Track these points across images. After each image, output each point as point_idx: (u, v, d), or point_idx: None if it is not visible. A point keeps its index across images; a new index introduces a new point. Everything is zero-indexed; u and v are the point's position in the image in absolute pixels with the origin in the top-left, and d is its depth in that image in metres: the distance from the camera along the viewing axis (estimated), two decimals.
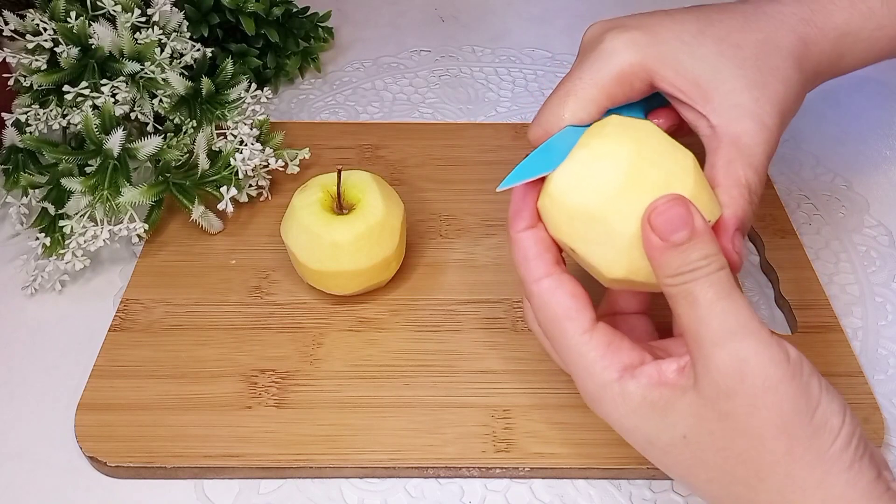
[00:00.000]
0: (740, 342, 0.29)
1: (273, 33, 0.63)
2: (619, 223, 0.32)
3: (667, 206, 0.31)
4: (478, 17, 0.76)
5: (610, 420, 0.33)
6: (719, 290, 0.30)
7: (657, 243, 0.31)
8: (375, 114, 0.64)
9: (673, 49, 0.38)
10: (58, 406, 0.43)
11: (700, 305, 0.30)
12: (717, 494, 0.31)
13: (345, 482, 0.40)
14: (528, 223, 0.35)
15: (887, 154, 0.60)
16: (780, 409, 0.29)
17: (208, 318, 0.47)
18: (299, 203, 0.45)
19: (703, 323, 0.30)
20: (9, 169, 0.51)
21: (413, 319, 0.47)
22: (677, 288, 0.30)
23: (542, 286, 0.34)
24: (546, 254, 0.35)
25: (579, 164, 0.34)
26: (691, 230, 0.30)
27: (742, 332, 0.29)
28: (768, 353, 0.29)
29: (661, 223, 0.31)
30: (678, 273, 0.30)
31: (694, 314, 0.30)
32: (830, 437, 0.29)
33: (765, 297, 0.49)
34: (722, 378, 0.29)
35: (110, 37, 0.50)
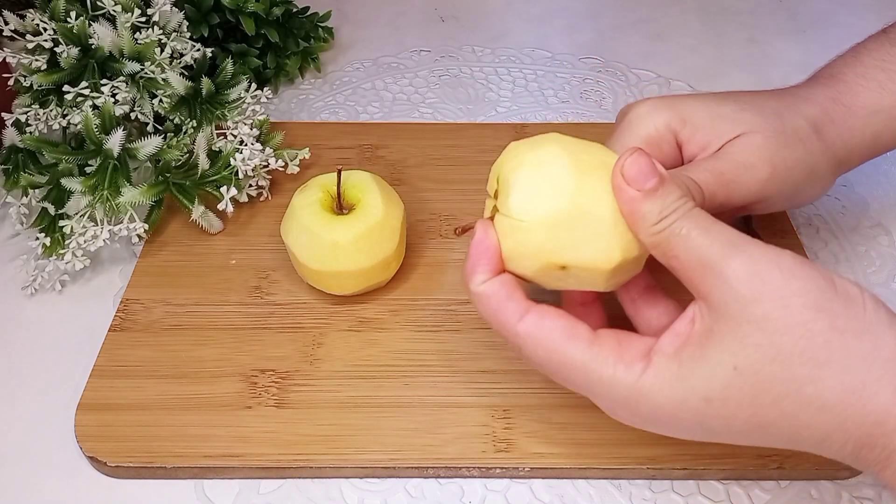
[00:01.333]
0: (745, 248, 0.30)
1: (273, 33, 0.63)
2: (596, 207, 0.33)
3: (634, 159, 0.32)
4: (478, 17, 0.76)
5: (657, 409, 0.31)
6: (705, 218, 0.31)
7: (635, 194, 0.32)
8: (375, 114, 0.64)
9: (695, 109, 0.40)
10: (58, 406, 0.43)
11: (695, 236, 0.31)
12: (789, 410, 0.29)
13: (345, 482, 0.40)
14: (487, 275, 0.34)
15: (887, 154, 0.60)
16: (806, 290, 0.29)
17: (208, 318, 0.47)
18: (299, 203, 0.45)
19: (704, 248, 0.30)
20: (9, 169, 0.51)
21: (413, 319, 0.47)
22: (665, 232, 0.31)
23: (528, 322, 0.33)
24: (517, 292, 0.34)
25: (524, 183, 0.34)
26: (659, 177, 0.32)
27: (743, 241, 0.30)
28: (772, 250, 0.30)
29: (635, 173, 0.32)
30: (661, 218, 0.31)
31: (692, 245, 0.31)
32: (860, 303, 0.29)
33: None
34: (743, 286, 0.29)
35: (110, 37, 0.50)
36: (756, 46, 0.71)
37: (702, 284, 0.31)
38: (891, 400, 0.28)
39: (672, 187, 0.32)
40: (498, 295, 0.33)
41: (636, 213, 0.32)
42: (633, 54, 0.70)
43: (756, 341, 0.29)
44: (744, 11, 0.76)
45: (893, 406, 0.28)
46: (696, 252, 0.30)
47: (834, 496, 0.40)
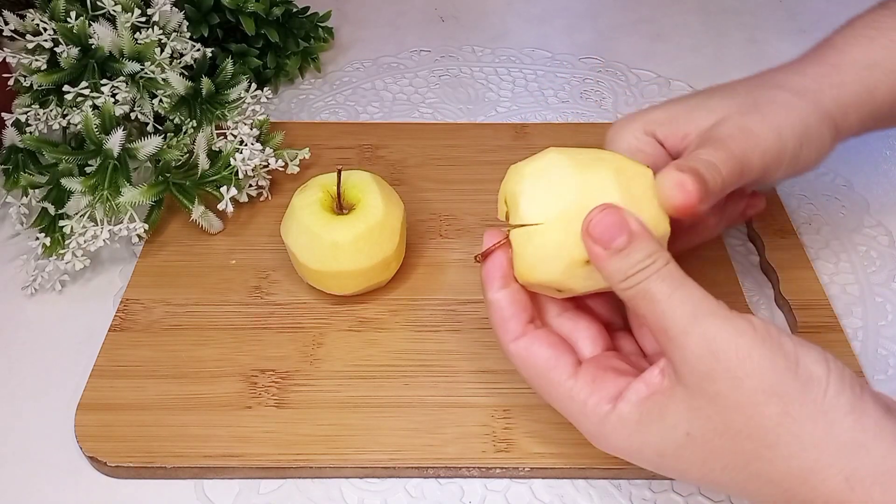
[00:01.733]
0: (703, 323, 0.30)
1: (273, 33, 0.63)
2: (604, 196, 0.33)
3: (602, 217, 0.32)
4: (478, 17, 0.76)
5: (618, 450, 0.33)
6: (671, 282, 0.31)
7: (601, 253, 0.32)
8: (375, 114, 0.64)
9: (666, 109, 0.41)
10: (58, 406, 0.43)
11: (658, 301, 0.31)
12: (738, 479, 0.30)
13: (345, 482, 0.40)
14: (501, 283, 0.35)
15: (887, 154, 0.60)
16: (760, 373, 0.29)
17: (208, 318, 0.47)
18: (299, 203, 0.45)
19: (666, 316, 0.30)
20: (9, 169, 0.51)
21: (413, 319, 0.47)
22: (632, 290, 0.31)
23: (518, 345, 0.35)
24: (521, 314, 0.35)
25: (531, 191, 0.35)
26: (628, 234, 0.32)
27: (702, 314, 0.30)
28: (731, 325, 0.30)
29: (600, 232, 0.32)
30: (628, 276, 0.31)
31: (656, 310, 0.31)
32: (821, 387, 0.29)
33: (765, 297, 0.49)
34: (698, 362, 0.30)
35: (110, 37, 0.50)
36: (756, 46, 0.71)
37: (665, 348, 0.31)
38: (839, 487, 0.28)
39: (641, 244, 0.32)
40: (506, 310, 0.35)
41: (603, 270, 0.32)
42: (633, 54, 0.70)
43: (708, 414, 0.30)
44: (744, 11, 0.76)
45: (841, 493, 0.28)
46: (660, 318, 0.31)
47: None
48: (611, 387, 0.33)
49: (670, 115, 0.41)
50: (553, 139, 0.59)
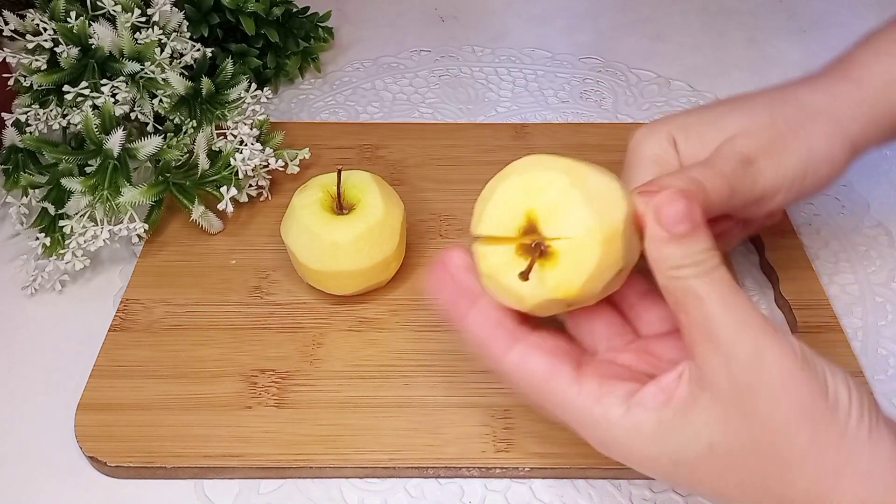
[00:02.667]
0: (756, 336, 0.29)
1: (273, 33, 0.63)
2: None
3: (671, 200, 0.30)
4: (478, 17, 0.76)
5: (630, 457, 0.31)
6: (724, 284, 0.29)
7: (661, 235, 0.30)
8: (375, 114, 0.64)
9: (685, 120, 0.40)
10: (58, 406, 0.43)
11: (712, 302, 0.29)
12: (753, 496, 0.30)
13: (345, 482, 0.40)
14: (468, 304, 0.33)
15: (887, 154, 0.60)
16: (799, 397, 0.28)
17: (208, 318, 0.47)
18: (299, 203, 0.46)
19: (715, 319, 0.29)
20: (9, 169, 0.51)
21: (413, 319, 0.47)
22: (681, 282, 0.30)
23: (510, 361, 0.32)
24: (502, 324, 0.33)
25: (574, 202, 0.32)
26: (692, 223, 0.30)
27: (756, 325, 0.29)
28: (780, 343, 0.29)
29: (668, 215, 0.30)
30: (680, 266, 0.30)
31: (706, 311, 0.29)
32: (845, 414, 0.29)
33: (765, 297, 0.49)
34: (742, 373, 0.29)
35: (110, 37, 0.50)
36: (756, 46, 0.71)
37: (702, 352, 0.30)
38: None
39: (702, 237, 0.30)
40: (482, 327, 0.33)
41: (656, 253, 0.30)
42: (633, 54, 0.70)
43: (737, 429, 0.29)
44: (744, 11, 0.76)
45: None
46: (707, 319, 0.29)
47: None
48: (620, 390, 0.31)
49: (690, 129, 0.40)
50: (553, 139, 0.59)
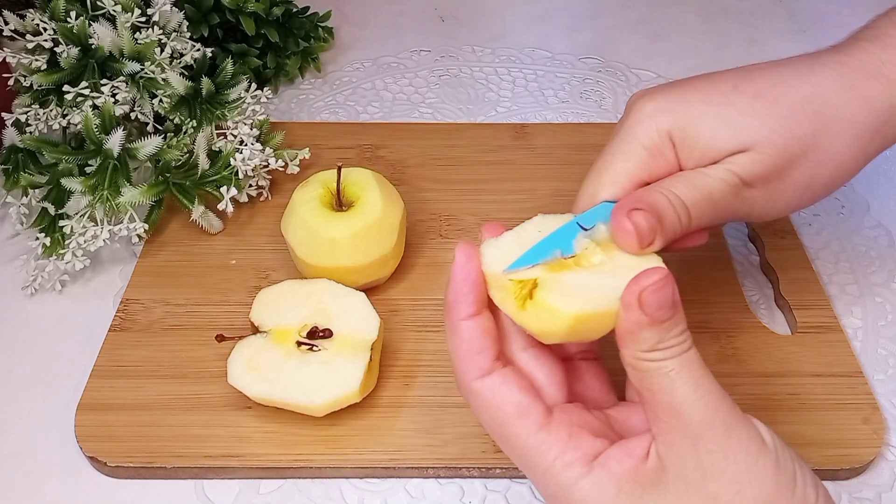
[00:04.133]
0: (725, 420, 0.28)
1: (273, 33, 0.63)
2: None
3: (658, 286, 0.29)
4: (478, 17, 0.76)
5: None
6: (696, 368, 0.29)
7: (641, 319, 0.29)
8: (375, 114, 0.64)
9: (697, 113, 0.36)
10: (58, 406, 0.43)
11: (681, 384, 0.28)
12: None
13: (345, 482, 0.40)
14: (471, 310, 0.32)
15: (887, 154, 0.59)
16: (764, 485, 0.28)
17: (208, 318, 0.47)
18: (299, 199, 0.46)
19: (688, 403, 0.28)
20: (9, 169, 0.51)
21: (413, 319, 0.46)
22: (652, 364, 0.29)
23: (485, 383, 0.31)
24: (492, 347, 0.31)
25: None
26: (674, 307, 0.29)
27: (726, 410, 0.29)
28: (746, 428, 0.29)
29: (654, 301, 0.29)
30: (653, 349, 0.29)
31: (676, 393, 0.29)
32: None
33: (765, 297, 0.49)
34: (708, 457, 0.28)
35: (110, 37, 0.50)
36: (756, 46, 0.71)
37: (667, 433, 0.29)
38: None
39: (678, 320, 0.29)
40: (474, 341, 0.32)
41: (631, 335, 0.29)
42: (633, 54, 0.70)
43: None
44: (744, 11, 0.76)
45: None
46: (677, 402, 0.28)
47: (834, 496, 0.39)
48: (587, 447, 0.30)
49: (699, 128, 0.36)
50: (553, 139, 0.59)
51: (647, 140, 0.36)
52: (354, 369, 0.39)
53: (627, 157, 0.36)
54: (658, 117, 0.36)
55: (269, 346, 0.41)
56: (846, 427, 0.41)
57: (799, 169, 0.36)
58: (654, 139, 0.36)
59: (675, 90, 0.38)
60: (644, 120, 0.37)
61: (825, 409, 0.42)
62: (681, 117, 0.36)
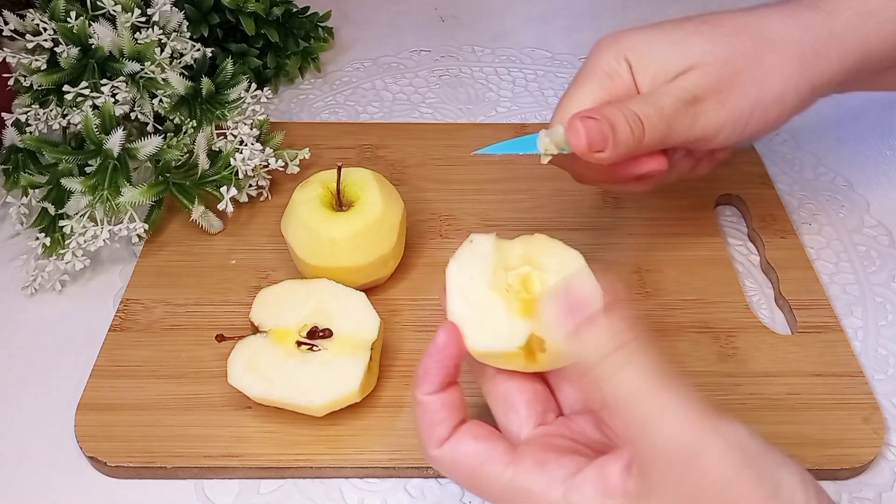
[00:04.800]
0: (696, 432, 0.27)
1: (273, 33, 0.63)
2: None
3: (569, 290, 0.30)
4: (478, 17, 0.76)
5: None
6: (654, 373, 0.28)
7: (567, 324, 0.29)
8: (375, 114, 0.64)
9: (647, 40, 0.41)
10: (58, 406, 0.43)
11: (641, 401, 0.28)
12: None
13: (345, 482, 0.40)
14: (435, 388, 0.33)
15: (887, 154, 0.60)
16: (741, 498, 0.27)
17: (208, 318, 0.47)
18: (299, 199, 0.46)
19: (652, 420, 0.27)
20: (9, 169, 0.51)
21: (413, 319, 0.46)
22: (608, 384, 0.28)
23: (443, 450, 0.32)
24: (452, 418, 0.32)
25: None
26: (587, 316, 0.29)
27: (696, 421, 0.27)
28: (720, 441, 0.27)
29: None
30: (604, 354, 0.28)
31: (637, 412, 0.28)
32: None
33: (765, 297, 0.49)
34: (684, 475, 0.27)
35: (110, 37, 0.50)
36: None
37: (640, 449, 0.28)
38: None
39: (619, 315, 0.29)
40: (436, 413, 0.32)
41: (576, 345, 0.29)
42: None
43: None
44: None
45: None
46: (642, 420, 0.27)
47: (834, 496, 0.39)
48: (558, 469, 0.30)
49: (650, 51, 0.40)
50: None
51: (606, 65, 0.41)
52: (354, 369, 0.39)
53: (590, 81, 0.41)
54: (614, 46, 0.41)
55: (269, 346, 0.41)
56: (846, 427, 0.41)
57: (744, 81, 0.39)
58: (611, 64, 0.40)
59: (634, 28, 0.42)
60: (603, 50, 0.41)
61: (825, 408, 0.42)
62: (634, 43, 0.41)
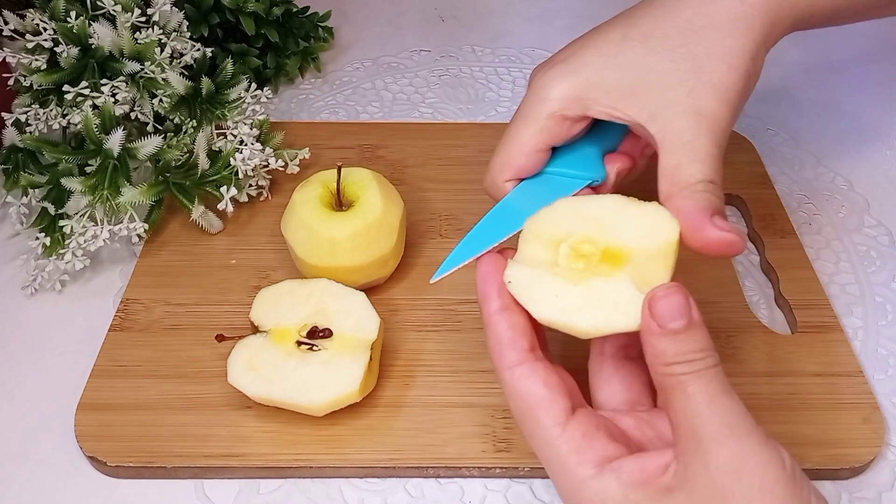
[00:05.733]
0: (741, 439, 0.28)
1: (273, 33, 0.63)
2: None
3: (666, 293, 0.30)
4: (478, 17, 0.76)
5: None
6: (718, 385, 0.29)
7: (655, 329, 0.30)
8: (375, 114, 0.64)
9: (597, 69, 0.37)
10: (58, 406, 0.43)
11: (698, 401, 0.29)
12: None
13: (345, 482, 0.40)
14: (500, 303, 0.33)
15: (887, 154, 0.60)
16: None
17: (208, 318, 0.47)
18: (299, 198, 0.46)
19: (703, 418, 0.29)
20: (9, 169, 0.51)
21: (413, 319, 0.47)
22: (672, 379, 0.29)
23: (514, 374, 0.32)
24: (520, 339, 0.33)
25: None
26: (689, 320, 0.30)
27: (743, 429, 0.29)
28: (766, 453, 0.28)
29: (661, 309, 0.30)
30: (673, 363, 0.29)
31: (692, 409, 0.29)
32: None
33: (765, 297, 0.49)
34: (721, 476, 0.28)
35: (110, 37, 0.50)
36: None
37: (685, 451, 0.29)
38: None
39: (697, 335, 0.30)
40: (504, 334, 0.33)
41: (650, 346, 0.30)
42: None
43: None
44: None
45: None
46: (692, 418, 0.29)
47: (834, 496, 0.40)
48: (599, 449, 0.31)
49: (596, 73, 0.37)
50: None
51: (549, 111, 0.38)
52: (354, 369, 0.39)
53: (534, 126, 0.38)
54: (558, 86, 0.38)
55: (269, 345, 0.41)
56: (846, 427, 0.41)
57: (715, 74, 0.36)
58: (556, 104, 0.38)
59: (570, 54, 0.39)
60: (545, 88, 0.38)
61: (825, 408, 0.42)
62: (580, 78, 0.38)
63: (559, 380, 0.33)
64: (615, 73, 0.37)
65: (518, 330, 0.33)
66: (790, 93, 0.42)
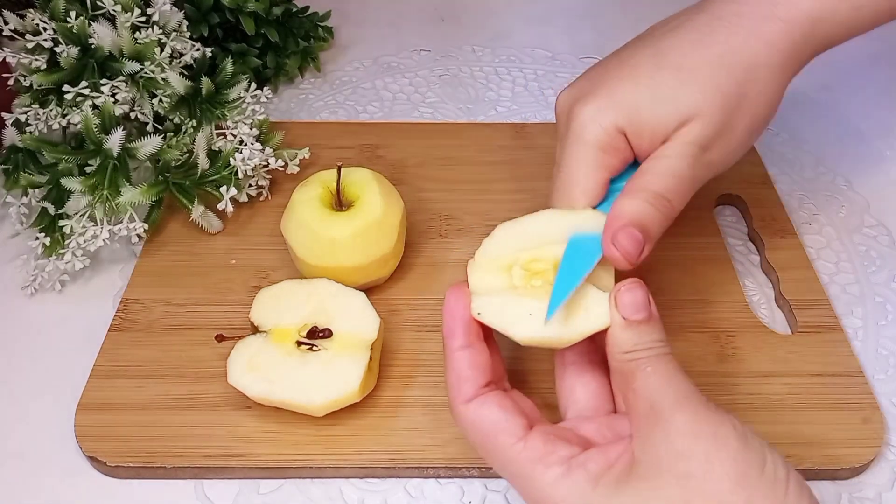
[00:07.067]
0: (695, 406, 0.31)
1: (273, 33, 0.63)
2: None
3: (630, 288, 0.33)
4: (478, 17, 0.76)
5: None
6: (672, 367, 0.32)
7: (619, 320, 0.33)
8: (375, 113, 0.64)
9: (634, 102, 0.39)
10: (58, 406, 0.43)
11: (656, 377, 0.32)
12: None
13: (345, 482, 0.40)
14: (464, 341, 0.34)
15: (887, 154, 0.60)
16: (733, 462, 0.30)
17: (208, 318, 0.47)
18: (299, 198, 0.46)
19: (661, 392, 0.31)
20: (9, 169, 0.51)
21: (413, 319, 0.46)
22: (633, 363, 0.32)
23: (468, 406, 0.34)
24: (479, 377, 0.34)
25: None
26: (649, 314, 0.33)
27: (695, 399, 0.31)
28: (718, 416, 0.31)
29: (626, 301, 0.33)
30: (633, 350, 0.32)
31: (650, 385, 0.32)
32: (783, 489, 0.30)
33: (765, 297, 0.49)
34: (680, 439, 0.30)
35: (110, 37, 0.50)
36: None
37: (644, 425, 0.31)
38: None
39: (655, 327, 0.33)
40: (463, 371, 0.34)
41: (614, 337, 0.33)
42: None
43: (669, 494, 0.30)
44: None
45: None
46: (651, 393, 0.31)
47: (834, 496, 0.40)
48: (563, 451, 0.32)
49: (642, 113, 0.38)
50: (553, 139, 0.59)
51: (599, 142, 0.39)
52: (354, 369, 0.39)
53: (587, 164, 0.39)
54: (600, 117, 0.39)
55: (269, 345, 0.41)
56: (846, 427, 0.41)
57: (740, 117, 0.39)
58: (603, 139, 0.38)
59: (603, 85, 0.40)
60: (588, 124, 0.39)
61: (825, 408, 0.42)
62: (621, 111, 0.39)
63: (512, 402, 0.34)
64: (651, 105, 0.38)
65: (478, 368, 0.34)
66: (790, 93, 0.42)
